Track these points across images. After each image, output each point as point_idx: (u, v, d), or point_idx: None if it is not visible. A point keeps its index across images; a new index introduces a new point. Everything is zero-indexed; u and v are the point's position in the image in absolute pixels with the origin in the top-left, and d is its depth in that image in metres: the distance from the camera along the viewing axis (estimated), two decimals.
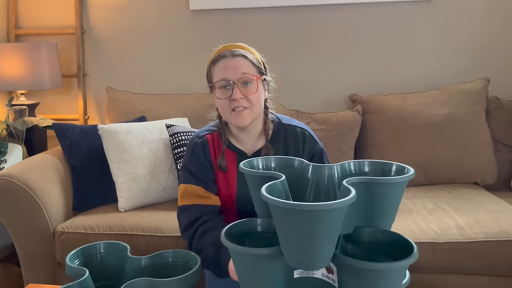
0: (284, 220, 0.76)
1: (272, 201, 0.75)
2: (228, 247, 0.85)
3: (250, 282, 0.87)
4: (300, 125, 1.43)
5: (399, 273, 0.80)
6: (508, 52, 2.37)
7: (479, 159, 2.16)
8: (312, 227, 0.74)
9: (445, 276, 1.69)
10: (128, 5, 2.55)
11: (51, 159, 2.00)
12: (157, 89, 2.55)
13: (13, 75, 2.36)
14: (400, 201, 0.89)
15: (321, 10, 2.43)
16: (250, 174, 0.93)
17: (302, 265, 0.82)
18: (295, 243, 0.77)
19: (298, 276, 0.90)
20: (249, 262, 0.85)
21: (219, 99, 1.32)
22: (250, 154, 1.39)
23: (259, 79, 1.32)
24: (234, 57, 1.31)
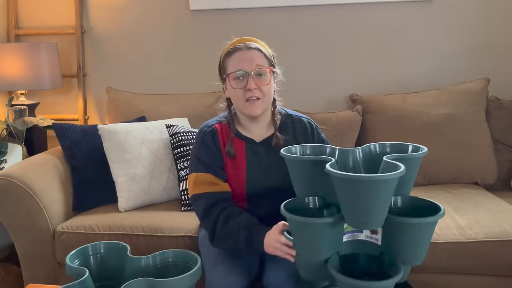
0: (348, 190, 0.95)
1: (340, 174, 0.94)
2: (296, 219, 1.02)
3: (308, 248, 1.04)
4: (305, 117, 1.55)
5: (431, 227, 1.01)
6: (508, 52, 2.37)
7: (479, 159, 2.16)
8: (370, 195, 0.93)
9: (445, 276, 1.69)
10: (128, 5, 2.55)
11: (51, 159, 2.00)
12: (157, 89, 2.55)
13: (13, 75, 2.36)
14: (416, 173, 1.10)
15: (321, 10, 2.43)
16: (300, 159, 1.10)
17: (362, 226, 1.01)
18: (357, 208, 0.95)
19: (347, 240, 1.07)
20: (311, 231, 1.02)
21: (234, 89, 1.40)
22: (258, 141, 1.47)
23: (271, 71, 1.41)
24: (249, 49, 1.40)
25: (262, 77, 1.39)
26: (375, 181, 0.91)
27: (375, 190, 0.92)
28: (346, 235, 1.07)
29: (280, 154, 1.14)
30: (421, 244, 1.01)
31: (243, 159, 1.45)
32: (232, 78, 1.40)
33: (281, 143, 1.42)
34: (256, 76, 1.38)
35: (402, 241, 1.01)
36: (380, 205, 0.95)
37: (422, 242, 1.01)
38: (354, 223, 1.00)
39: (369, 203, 0.94)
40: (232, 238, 1.34)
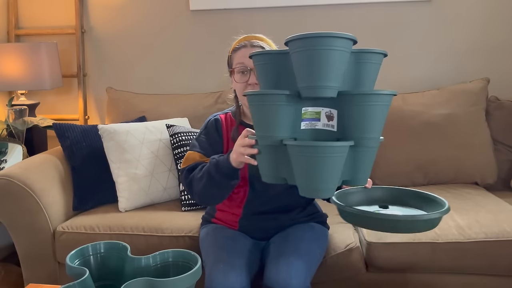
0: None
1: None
2: (251, 93, 1.11)
3: (265, 125, 1.11)
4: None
5: (382, 101, 1.09)
6: (508, 52, 2.37)
7: (479, 159, 2.16)
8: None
9: (445, 276, 1.69)
10: (128, 5, 2.55)
11: (51, 159, 2.01)
12: (157, 89, 2.55)
13: (13, 75, 2.36)
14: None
15: (321, 10, 2.43)
16: (269, 53, 1.15)
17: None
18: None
19: (304, 128, 1.12)
20: (268, 106, 1.09)
21: (237, 83, 1.50)
22: None
23: None
24: (252, 47, 1.50)
25: None
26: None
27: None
28: (304, 123, 1.11)
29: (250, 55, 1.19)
30: (373, 120, 1.07)
31: None
32: (236, 73, 1.51)
33: None
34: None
35: (355, 117, 1.07)
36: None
37: (374, 119, 1.07)
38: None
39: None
40: (204, 175, 1.40)
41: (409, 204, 1.27)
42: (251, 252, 1.48)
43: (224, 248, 1.44)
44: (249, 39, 1.53)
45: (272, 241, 1.51)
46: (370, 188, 1.32)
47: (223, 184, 1.39)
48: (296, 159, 1.06)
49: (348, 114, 1.08)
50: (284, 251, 1.40)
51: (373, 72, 1.15)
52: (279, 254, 1.40)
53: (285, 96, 1.08)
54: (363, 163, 1.13)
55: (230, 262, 1.37)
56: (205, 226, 1.64)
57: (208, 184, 1.39)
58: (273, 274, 1.33)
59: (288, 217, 1.56)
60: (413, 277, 1.68)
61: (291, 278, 1.31)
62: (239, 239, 1.50)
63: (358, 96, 1.07)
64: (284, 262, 1.35)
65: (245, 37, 1.54)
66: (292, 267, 1.34)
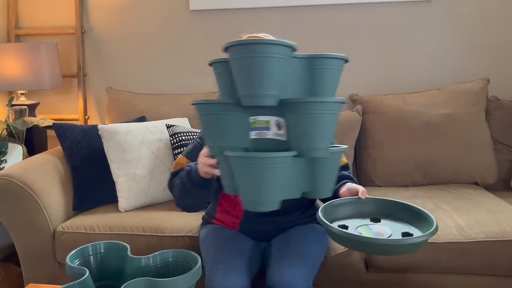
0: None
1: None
2: (197, 103, 1.06)
3: (215, 134, 1.07)
4: None
5: (330, 109, 1.01)
6: (508, 52, 2.37)
7: (479, 159, 2.16)
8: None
9: (445, 276, 1.69)
10: (128, 5, 2.55)
11: (51, 159, 2.01)
12: (157, 89, 2.55)
13: (13, 75, 2.36)
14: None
15: (321, 10, 2.43)
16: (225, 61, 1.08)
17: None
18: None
19: (254, 137, 1.08)
20: (214, 116, 1.06)
21: None
22: None
23: None
24: None
25: None
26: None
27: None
28: (254, 132, 1.08)
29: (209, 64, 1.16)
30: (319, 129, 1.01)
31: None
32: None
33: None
34: None
35: (300, 127, 1.01)
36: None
37: (321, 128, 1.01)
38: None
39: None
40: (180, 182, 1.41)
41: (400, 218, 1.23)
42: (252, 252, 1.47)
43: (224, 248, 1.44)
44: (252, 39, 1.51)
45: (274, 243, 1.50)
46: (362, 199, 1.28)
47: (195, 193, 1.39)
48: (236, 170, 1.02)
49: (294, 123, 1.03)
50: (287, 253, 1.40)
51: (331, 79, 1.06)
52: (282, 256, 1.40)
53: (231, 105, 1.04)
54: (321, 174, 1.07)
55: (231, 262, 1.37)
56: (205, 226, 1.64)
57: (182, 191, 1.41)
58: (277, 276, 1.33)
59: (289, 219, 1.55)
60: (413, 277, 1.68)
61: (295, 280, 1.31)
62: (239, 239, 1.50)
63: (302, 104, 1.00)
64: (287, 264, 1.35)
65: (247, 37, 1.50)
66: (295, 269, 1.34)
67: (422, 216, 1.19)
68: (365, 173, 2.25)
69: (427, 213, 1.18)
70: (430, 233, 1.08)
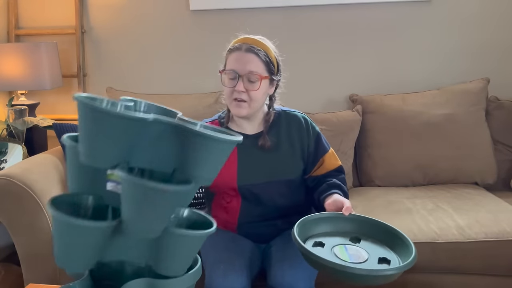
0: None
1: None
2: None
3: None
4: (300, 112, 1.60)
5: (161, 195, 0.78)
6: (508, 52, 2.37)
7: (479, 159, 2.16)
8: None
9: (445, 276, 1.69)
10: (128, 5, 2.55)
11: (51, 159, 2.00)
12: (157, 89, 2.55)
13: (13, 75, 2.36)
14: (220, 161, 0.86)
15: (321, 10, 2.43)
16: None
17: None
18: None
19: (110, 189, 0.89)
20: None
21: (225, 86, 1.47)
22: (251, 134, 1.52)
23: (263, 79, 1.42)
24: (247, 52, 1.44)
25: (252, 83, 1.43)
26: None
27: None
28: (110, 184, 0.92)
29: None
30: (150, 213, 0.81)
31: (234, 154, 1.49)
32: (226, 75, 1.46)
33: (268, 145, 1.48)
34: (247, 80, 1.42)
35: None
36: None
37: (152, 210, 0.81)
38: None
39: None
40: None
41: (381, 239, 1.19)
42: (252, 253, 1.47)
43: (224, 249, 1.44)
44: (246, 42, 1.46)
45: (274, 244, 1.50)
46: (345, 216, 1.25)
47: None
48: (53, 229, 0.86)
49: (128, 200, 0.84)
50: (287, 254, 1.40)
51: (202, 155, 0.83)
52: (282, 257, 1.39)
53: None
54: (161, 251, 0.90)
55: (230, 263, 1.37)
56: None
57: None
58: (279, 278, 1.33)
59: (286, 221, 1.53)
60: (413, 277, 1.68)
61: (297, 281, 1.31)
62: (239, 240, 1.50)
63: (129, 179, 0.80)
64: (288, 266, 1.35)
65: (243, 38, 1.49)
66: (296, 270, 1.34)
67: (403, 242, 1.15)
68: (365, 173, 2.25)
69: (408, 240, 1.14)
70: (405, 265, 1.04)
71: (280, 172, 1.50)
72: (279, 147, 1.51)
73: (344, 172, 1.58)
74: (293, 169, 1.52)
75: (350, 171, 2.22)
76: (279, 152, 1.50)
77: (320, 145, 1.54)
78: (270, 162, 1.49)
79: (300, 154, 1.52)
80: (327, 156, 1.54)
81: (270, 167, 1.49)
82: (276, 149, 1.50)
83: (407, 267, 1.04)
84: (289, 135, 1.52)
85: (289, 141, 1.52)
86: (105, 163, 0.83)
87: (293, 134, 1.52)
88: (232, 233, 1.54)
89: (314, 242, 1.15)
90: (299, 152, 1.52)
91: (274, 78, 1.49)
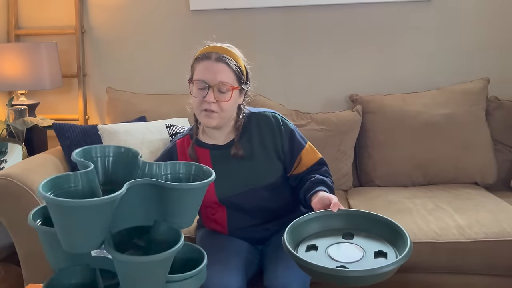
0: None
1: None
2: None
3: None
4: (270, 111, 1.52)
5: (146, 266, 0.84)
6: (508, 52, 2.37)
7: (479, 159, 2.16)
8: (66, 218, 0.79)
9: (445, 276, 1.69)
10: (128, 5, 2.55)
11: (51, 159, 2.00)
12: (157, 89, 2.54)
13: (13, 75, 2.36)
14: (198, 203, 0.90)
15: (321, 10, 2.43)
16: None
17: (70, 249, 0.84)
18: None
19: (95, 255, 0.96)
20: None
21: (194, 97, 1.42)
22: (223, 144, 1.48)
23: (234, 89, 1.39)
24: (217, 61, 1.39)
25: (223, 94, 1.39)
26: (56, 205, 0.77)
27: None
28: (95, 250, 0.94)
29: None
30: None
31: (208, 167, 1.43)
32: (195, 85, 1.42)
33: (240, 154, 1.44)
34: (217, 90, 1.38)
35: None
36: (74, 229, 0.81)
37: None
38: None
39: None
40: None
41: (375, 232, 1.15)
42: (248, 253, 1.47)
43: (220, 249, 1.44)
44: (216, 50, 1.42)
45: (269, 245, 1.50)
46: (334, 212, 1.20)
47: None
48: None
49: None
50: (282, 255, 1.38)
51: (178, 203, 0.89)
52: (276, 258, 1.39)
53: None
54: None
55: (226, 263, 1.36)
56: (200, 229, 1.63)
57: None
58: (272, 279, 1.33)
59: (277, 223, 1.50)
60: (413, 277, 1.68)
61: (291, 283, 1.30)
62: (235, 240, 1.49)
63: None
64: (282, 267, 1.34)
65: (212, 46, 1.44)
66: (290, 271, 1.33)
67: (396, 231, 1.11)
68: (365, 173, 2.25)
69: (400, 228, 1.11)
70: (404, 257, 1.00)
71: (258, 179, 1.45)
72: (253, 153, 1.46)
73: (326, 163, 1.52)
74: (271, 172, 1.47)
75: (350, 171, 2.22)
76: (254, 159, 1.46)
77: (295, 143, 1.48)
78: (246, 170, 1.45)
79: (276, 155, 1.47)
80: (304, 152, 1.48)
81: (247, 175, 1.45)
82: (250, 156, 1.46)
83: (406, 259, 1.01)
84: (262, 138, 1.47)
85: (262, 145, 1.47)
86: (90, 247, 0.84)
87: (265, 136, 1.47)
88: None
89: (307, 246, 1.12)
90: (274, 154, 1.47)
91: (244, 88, 1.45)
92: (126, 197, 0.85)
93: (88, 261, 0.96)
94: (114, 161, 0.99)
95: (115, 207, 0.83)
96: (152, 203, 0.90)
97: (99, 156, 0.98)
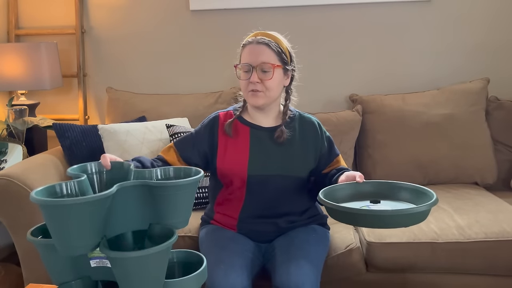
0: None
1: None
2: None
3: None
4: (313, 116, 1.65)
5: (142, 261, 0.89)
6: (508, 52, 2.37)
7: (479, 159, 2.16)
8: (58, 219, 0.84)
9: (445, 276, 1.69)
10: (128, 5, 2.55)
11: (51, 159, 2.00)
12: (157, 89, 2.55)
13: (13, 75, 2.36)
14: (189, 203, 0.98)
15: (321, 10, 2.43)
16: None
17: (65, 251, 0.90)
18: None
19: (95, 266, 1.00)
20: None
21: (240, 80, 1.51)
22: (265, 127, 1.54)
23: (276, 67, 1.46)
24: (258, 44, 1.48)
25: (266, 73, 1.46)
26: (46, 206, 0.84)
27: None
28: (93, 261, 1.00)
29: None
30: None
31: (246, 143, 1.51)
32: (240, 69, 1.51)
33: (284, 137, 1.50)
34: (260, 70, 1.46)
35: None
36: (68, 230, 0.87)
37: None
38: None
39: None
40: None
41: (399, 197, 1.28)
42: (252, 253, 1.47)
43: (224, 249, 1.44)
44: (258, 35, 1.51)
45: (277, 245, 1.50)
46: (360, 183, 1.33)
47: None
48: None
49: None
50: (293, 255, 1.40)
51: (168, 203, 0.95)
52: (288, 258, 1.40)
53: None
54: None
55: (231, 262, 1.37)
56: (204, 227, 1.63)
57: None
58: (284, 279, 1.33)
59: (287, 220, 1.55)
60: (413, 277, 1.68)
61: (304, 283, 1.31)
62: (239, 240, 1.50)
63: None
64: (294, 266, 1.35)
65: (255, 33, 1.54)
66: (302, 271, 1.34)
67: (420, 192, 1.24)
68: (365, 173, 2.24)
69: (424, 188, 1.24)
70: (431, 204, 1.13)
71: (290, 168, 1.52)
72: (292, 143, 1.53)
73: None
74: (303, 165, 1.54)
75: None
76: (292, 148, 1.53)
77: (333, 148, 1.60)
78: (281, 156, 1.52)
79: (314, 154, 1.55)
80: (340, 157, 1.62)
81: (281, 161, 1.51)
82: (289, 144, 1.53)
83: (433, 204, 1.14)
84: (304, 135, 1.56)
85: (304, 140, 1.55)
86: (84, 248, 0.87)
87: (307, 135, 1.56)
88: (233, 233, 1.54)
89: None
90: (313, 152, 1.55)
91: (288, 68, 1.52)
92: (119, 201, 0.88)
93: (89, 273, 0.97)
94: (109, 176, 1.06)
95: (107, 207, 0.85)
96: (145, 206, 0.94)
97: (95, 172, 1.06)
